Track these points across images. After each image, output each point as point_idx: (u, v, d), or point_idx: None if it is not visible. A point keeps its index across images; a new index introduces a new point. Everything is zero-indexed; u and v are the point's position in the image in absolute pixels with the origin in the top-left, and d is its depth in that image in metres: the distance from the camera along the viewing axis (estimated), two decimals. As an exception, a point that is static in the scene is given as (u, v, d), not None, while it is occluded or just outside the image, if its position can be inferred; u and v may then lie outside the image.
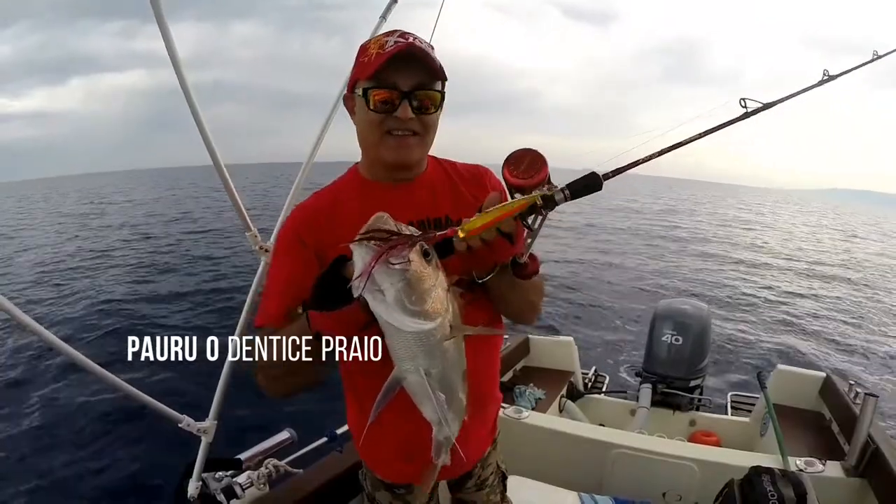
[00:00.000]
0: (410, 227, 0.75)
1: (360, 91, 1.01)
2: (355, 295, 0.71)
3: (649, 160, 0.98)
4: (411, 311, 0.70)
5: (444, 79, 1.03)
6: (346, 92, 1.10)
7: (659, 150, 0.99)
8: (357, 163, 1.16)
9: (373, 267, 0.67)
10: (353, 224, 0.77)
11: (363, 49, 1.04)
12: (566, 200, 0.87)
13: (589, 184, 0.88)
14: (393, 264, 0.68)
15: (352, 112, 1.08)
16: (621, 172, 0.95)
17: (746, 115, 1.06)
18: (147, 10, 0.97)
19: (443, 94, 1.04)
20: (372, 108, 1.00)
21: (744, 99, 1.05)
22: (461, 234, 0.75)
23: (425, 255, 0.72)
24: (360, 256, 0.69)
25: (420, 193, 1.13)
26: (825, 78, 1.23)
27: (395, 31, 1.02)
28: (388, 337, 0.75)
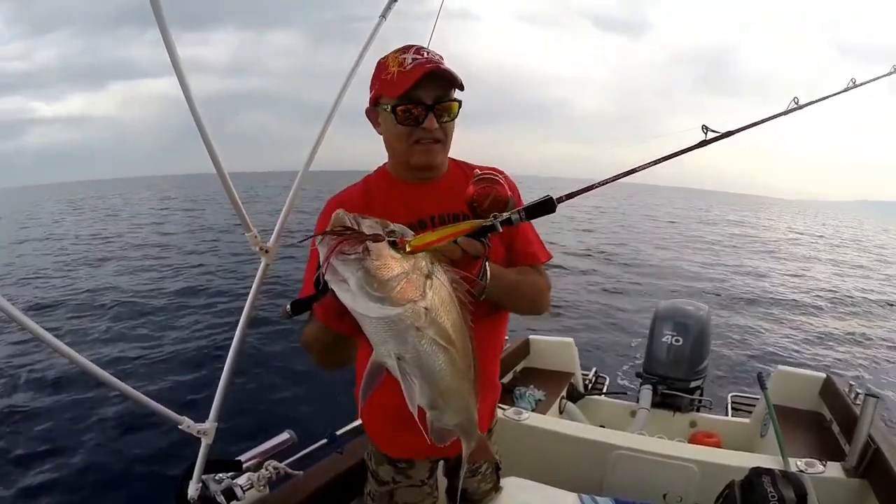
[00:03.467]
0: (375, 222, 0.78)
1: (387, 107, 1.14)
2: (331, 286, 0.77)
3: (602, 185, 1.08)
4: (375, 297, 0.73)
5: (461, 88, 1.16)
6: (368, 105, 1.22)
7: (614, 175, 1.09)
8: (385, 163, 1.31)
9: (329, 258, 0.73)
10: (383, 215, 0.84)
11: (382, 66, 1.16)
12: (521, 221, 0.98)
13: (542, 207, 0.99)
14: (347, 255, 0.72)
15: (376, 124, 1.23)
16: (574, 196, 1.06)
17: (704, 143, 1.11)
18: (185, 19, 0.97)
19: (459, 102, 1.17)
20: (400, 122, 1.14)
21: (705, 126, 1.10)
22: (407, 248, 0.78)
23: (393, 245, 0.76)
24: (321, 250, 0.75)
25: (441, 191, 1.26)
26: (792, 106, 1.25)
27: (410, 46, 1.15)
28: (361, 323, 0.79)
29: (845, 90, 1.36)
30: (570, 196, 1.05)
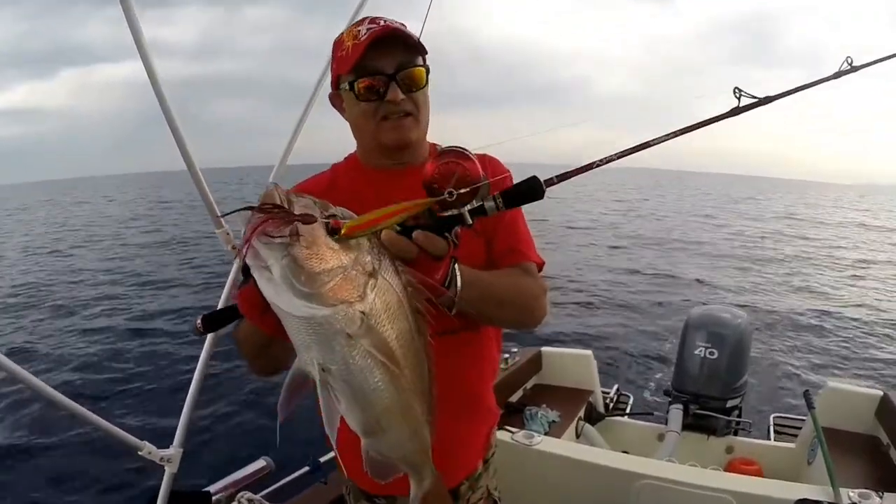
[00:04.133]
0: (313, 202, 0.74)
1: (345, 85, 1.14)
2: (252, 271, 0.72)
3: (607, 162, 0.96)
4: (301, 293, 0.68)
5: (424, 53, 1.15)
6: (331, 90, 1.22)
7: (619, 151, 0.96)
8: (354, 151, 1.29)
9: (250, 239, 0.67)
10: (350, 207, 0.79)
11: (338, 44, 1.16)
12: (498, 210, 0.86)
13: (525, 191, 0.88)
14: (272, 237, 0.67)
15: (341, 109, 1.22)
16: (567, 178, 0.93)
17: (737, 111, 1.04)
18: None
19: (427, 67, 1.16)
20: (362, 98, 1.12)
21: (738, 89, 1.02)
22: (343, 231, 0.72)
23: (331, 232, 0.72)
24: (243, 228, 0.69)
25: (418, 179, 1.14)
26: (845, 68, 1.19)
27: (364, 18, 1.15)
28: (283, 321, 0.74)
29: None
30: (561, 178, 0.92)
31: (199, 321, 0.99)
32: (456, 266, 0.97)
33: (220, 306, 1.38)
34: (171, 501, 1.41)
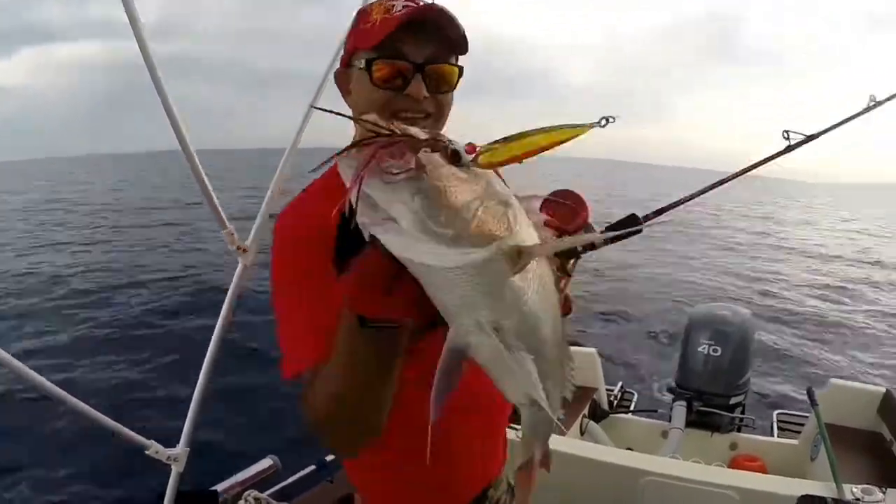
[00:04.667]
0: (423, 130, 0.58)
1: (360, 63, 0.94)
2: (366, 236, 0.55)
3: (692, 199, 1.10)
4: (447, 238, 0.52)
5: (464, 51, 0.98)
6: (339, 66, 1.03)
7: (703, 188, 1.12)
8: None
9: (360, 183, 0.51)
10: None
11: (364, 14, 0.97)
12: (605, 245, 0.93)
13: (627, 226, 0.95)
14: (393, 173, 0.51)
15: (346, 91, 1.03)
16: (662, 213, 1.03)
17: (790, 149, 1.17)
18: None
19: (461, 68, 0.99)
20: (376, 83, 0.93)
21: (786, 131, 1.15)
22: (481, 160, 0.56)
23: (454, 156, 0.56)
24: (346, 174, 0.53)
25: None
26: (871, 104, 1.31)
27: None
28: (429, 286, 0.58)
29: None
30: (658, 212, 1.02)
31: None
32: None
33: (225, 305, 1.38)
34: (177, 501, 1.41)
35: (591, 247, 0.90)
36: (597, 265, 13.40)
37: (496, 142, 0.57)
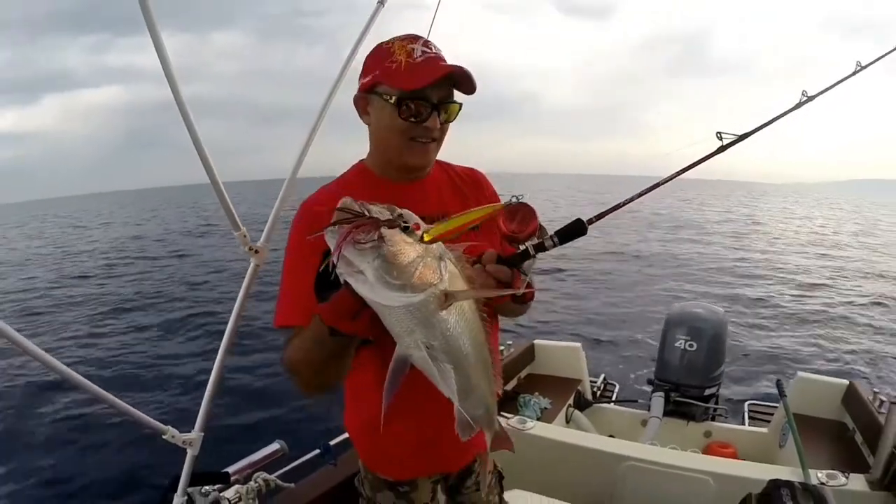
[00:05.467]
0: (381, 208, 0.77)
1: (389, 98, 1.10)
2: (342, 281, 0.76)
3: (629, 202, 1.13)
4: (396, 286, 0.72)
5: (471, 92, 1.14)
6: (359, 91, 1.16)
7: (639, 191, 1.15)
8: (362, 160, 1.26)
9: (340, 249, 0.71)
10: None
11: (386, 51, 1.12)
12: (555, 246, 1.01)
13: (574, 230, 1.03)
14: (362, 243, 0.71)
15: (364, 111, 1.18)
16: (603, 216, 1.09)
17: (722, 149, 1.17)
18: (119, 23, 0.97)
19: (460, 104, 1.16)
20: (403, 117, 1.10)
21: (719, 132, 1.15)
22: (426, 237, 0.78)
23: (405, 229, 0.76)
24: (330, 241, 0.73)
25: (429, 192, 1.25)
26: (803, 99, 1.28)
27: (418, 38, 1.13)
28: (383, 316, 0.78)
29: (853, 73, 1.37)
30: (599, 216, 1.08)
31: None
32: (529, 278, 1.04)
33: (238, 301, 1.38)
34: (193, 480, 1.41)
35: (542, 248, 0.99)
36: (586, 265, 13.46)
37: (437, 223, 0.81)
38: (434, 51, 1.11)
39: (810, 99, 1.28)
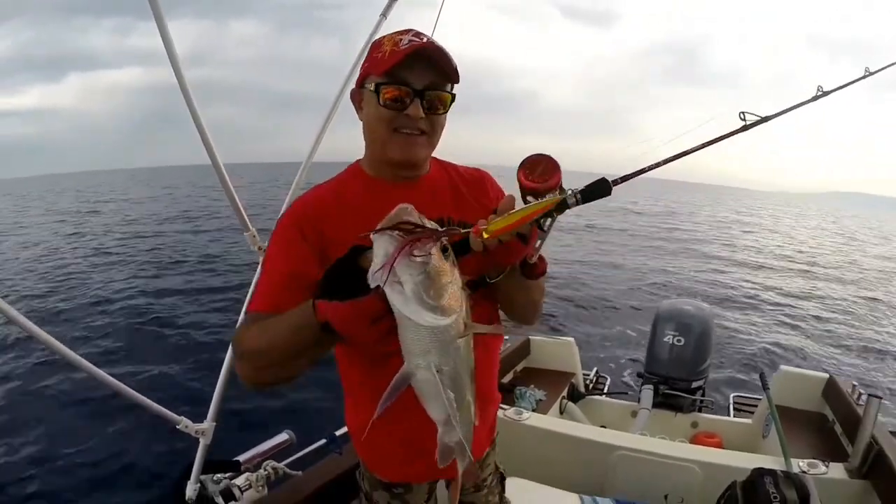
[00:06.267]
0: (432, 223, 0.74)
1: (371, 86, 1.03)
2: (372, 285, 0.70)
3: (655, 168, 1.01)
4: (429, 306, 0.69)
5: (456, 81, 1.06)
6: (354, 86, 1.11)
7: (664, 158, 1.03)
8: (359, 160, 1.17)
9: (396, 258, 0.67)
10: (357, 220, 0.79)
11: (377, 45, 1.06)
12: (577, 204, 0.90)
13: (599, 188, 0.91)
14: (415, 257, 0.67)
15: (359, 107, 1.10)
16: (629, 179, 0.99)
17: (745, 128, 1.09)
18: (142, 6, 0.97)
19: (453, 95, 1.07)
20: (382, 104, 1.02)
21: (743, 112, 1.08)
22: (485, 235, 0.75)
23: (443, 250, 0.72)
24: (383, 247, 0.69)
25: (423, 193, 1.13)
26: (819, 94, 1.25)
27: (410, 30, 1.05)
28: (403, 330, 0.74)
29: (863, 77, 1.36)
30: (625, 178, 0.99)
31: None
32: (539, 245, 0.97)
33: (248, 297, 1.38)
34: (205, 468, 1.41)
35: (565, 206, 0.89)
36: (581, 258, 13.45)
37: (495, 218, 0.77)
38: (424, 40, 1.02)
39: (826, 94, 1.24)
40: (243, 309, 1.38)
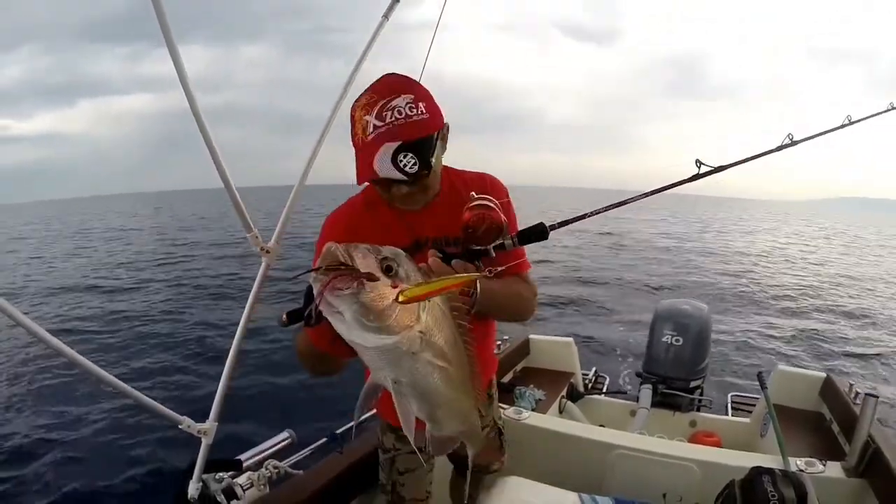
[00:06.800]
0: (367, 250, 0.75)
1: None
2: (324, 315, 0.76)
3: (595, 214, 1.13)
4: (372, 328, 0.72)
5: (431, 138, 1.08)
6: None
7: (605, 206, 1.15)
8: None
9: (321, 296, 0.70)
10: (377, 243, 0.81)
11: (353, 119, 1.10)
12: (514, 247, 1.03)
13: (535, 233, 1.03)
14: (341, 290, 0.70)
15: None
16: (566, 225, 1.09)
17: (697, 177, 1.15)
18: (155, 35, 0.97)
19: (428, 166, 1.07)
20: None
21: (698, 160, 1.13)
22: (402, 298, 0.73)
23: (387, 270, 0.74)
24: (314, 285, 0.72)
25: (438, 214, 1.24)
26: (846, 122, 1.24)
27: (374, 101, 1.06)
28: (358, 350, 0.78)
29: (841, 126, 1.34)
30: (562, 224, 1.08)
31: (284, 316, 0.99)
32: (478, 282, 1.06)
33: (250, 298, 1.38)
34: (207, 467, 1.41)
35: (501, 247, 1.03)
36: (581, 263, 13.46)
37: (413, 285, 0.75)
38: (386, 122, 1.04)
39: (794, 143, 1.25)
40: (241, 321, 1.42)
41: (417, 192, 1.17)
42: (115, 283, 11.04)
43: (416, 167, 1.05)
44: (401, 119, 1.05)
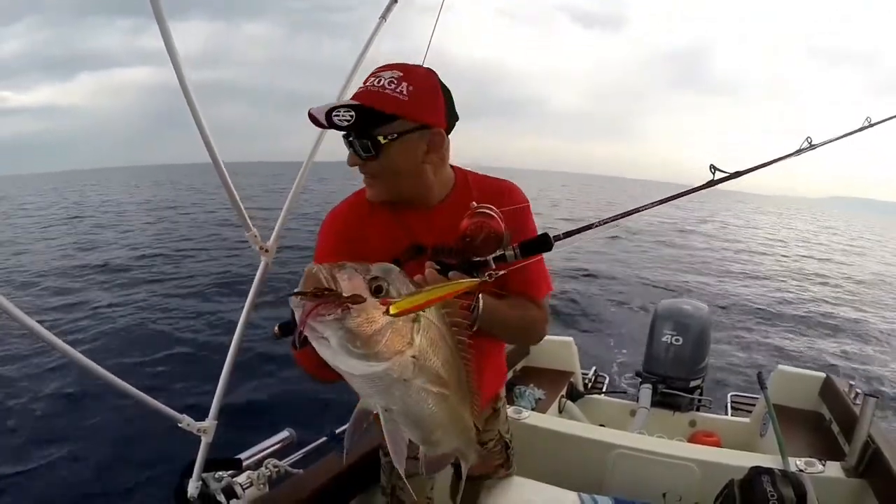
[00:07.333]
0: (354, 270, 0.70)
1: None
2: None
3: (605, 223, 1.06)
4: (359, 355, 0.67)
5: (389, 116, 1.02)
6: None
7: (619, 213, 1.08)
8: None
9: (304, 323, 0.66)
10: (374, 245, 0.79)
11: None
12: (516, 258, 0.96)
13: (539, 244, 0.97)
14: (325, 316, 0.65)
15: None
16: (571, 235, 1.03)
17: (712, 183, 1.09)
18: (149, 7, 0.96)
19: (381, 138, 1.03)
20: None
21: (713, 166, 1.07)
22: (392, 311, 0.68)
23: (377, 290, 0.69)
24: (296, 310, 0.68)
25: (441, 219, 1.16)
26: (866, 125, 1.21)
27: (381, 69, 1.06)
28: (345, 377, 0.73)
29: (861, 129, 1.31)
30: (568, 234, 1.02)
31: (276, 328, 0.95)
32: (480, 296, 1.00)
33: (249, 297, 1.38)
34: (207, 466, 1.41)
35: (502, 258, 0.95)
36: (585, 266, 13.44)
37: (404, 296, 0.70)
38: (376, 84, 1.03)
39: (812, 147, 1.20)
40: (241, 318, 1.41)
41: (369, 177, 1.12)
42: (112, 276, 11.01)
43: (348, 125, 1.00)
44: (375, 87, 1.03)
